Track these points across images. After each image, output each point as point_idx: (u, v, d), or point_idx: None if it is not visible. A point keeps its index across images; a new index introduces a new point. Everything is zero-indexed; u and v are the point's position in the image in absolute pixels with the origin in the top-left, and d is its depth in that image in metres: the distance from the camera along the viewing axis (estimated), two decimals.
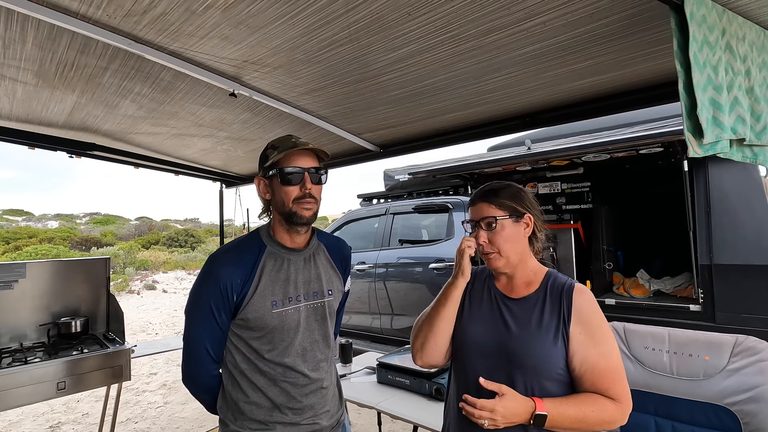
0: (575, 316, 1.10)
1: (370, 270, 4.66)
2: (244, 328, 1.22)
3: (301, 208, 1.23)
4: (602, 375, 1.07)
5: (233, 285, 1.18)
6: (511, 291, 1.21)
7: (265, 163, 1.26)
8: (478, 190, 1.23)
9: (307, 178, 1.24)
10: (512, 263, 1.18)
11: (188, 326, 1.24)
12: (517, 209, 1.17)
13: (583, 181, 2.89)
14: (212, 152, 3.49)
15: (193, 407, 4.14)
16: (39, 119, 2.65)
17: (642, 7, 1.42)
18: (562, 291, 1.14)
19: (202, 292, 1.21)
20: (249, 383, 1.22)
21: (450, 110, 2.42)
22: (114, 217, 36.12)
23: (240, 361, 1.23)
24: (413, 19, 1.54)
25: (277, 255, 1.27)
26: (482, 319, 1.20)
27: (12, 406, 2.21)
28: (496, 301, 1.20)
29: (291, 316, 1.24)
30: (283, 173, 1.22)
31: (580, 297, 1.12)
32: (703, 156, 1.21)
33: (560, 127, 3.08)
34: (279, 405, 1.22)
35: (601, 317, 1.12)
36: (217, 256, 1.24)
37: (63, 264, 2.92)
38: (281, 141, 1.28)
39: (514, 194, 1.18)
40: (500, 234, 1.16)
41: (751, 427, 1.32)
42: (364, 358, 2.87)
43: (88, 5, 1.50)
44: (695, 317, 2.32)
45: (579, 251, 2.88)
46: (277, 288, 1.23)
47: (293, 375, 1.23)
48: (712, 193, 2.33)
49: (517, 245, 1.17)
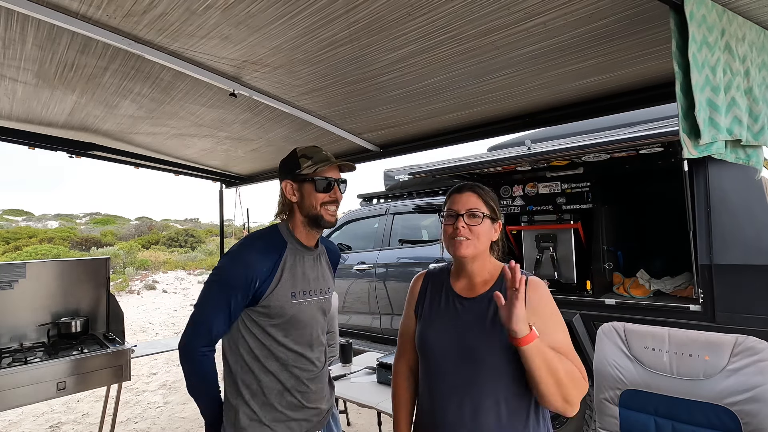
0: (528, 307, 1.09)
1: (370, 270, 4.66)
2: (263, 315, 1.30)
3: (327, 213, 1.38)
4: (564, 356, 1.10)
5: (260, 273, 1.28)
6: (467, 291, 1.23)
7: (297, 170, 1.38)
8: (466, 183, 1.28)
9: (337, 188, 1.41)
10: (478, 257, 1.21)
11: (204, 297, 1.30)
12: (496, 213, 1.24)
13: (583, 181, 2.89)
14: (212, 152, 3.50)
15: (193, 407, 4.14)
16: (39, 119, 2.65)
17: (642, 7, 1.42)
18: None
19: (229, 272, 1.28)
20: (262, 367, 1.31)
21: (450, 110, 2.42)
22: (114, 217, 36.12)
23: (254, 347, 1.31)
24: (413, 19, 1.54)
25: (297, 252, 1.39)
26: (439, 321, 1.23)
27: (12, 406, 2.22)
28: (453, 302, 1.23)
29: (305, 309, 1.36)
30: (319, 182, 1.37)
31: (535, 291, 1.14)
32: (697, 157, 1.21)
33: (560, 127, 3.08)
34: (289, 388, 1.33)
35: (552, 308, 1.15)
36: (248, 244, 1.34)
37: (63, 264, 2.92)
38: (313, 152, 1.40)
39: (494, 199, 1.26)
40: (481, 226, 1.20)
41: (751, 427, 1.32)
42: (364, 358, 2.88)
43: (88, 5, 1.50)
44: (695, 317, 2.32)
45: (579, 251, 2.88)
46: (297, 281, 1.35)
47: (303, 361, 1.36)
48: (712, 193, 2.33)
49: (487, 242, 1.22)
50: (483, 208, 1.21)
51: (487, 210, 1.22)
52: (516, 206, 3.18)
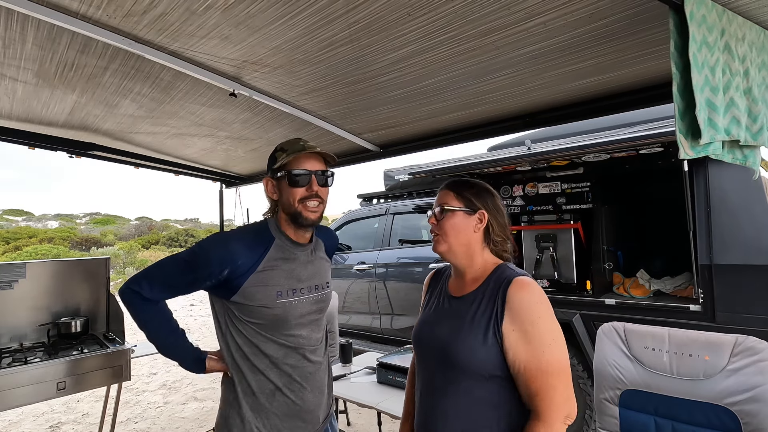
0: (508, 312, 1.03)
1: (370, 270, 4.66)
2: (246, 312, 1.25)
3: (306, 210, 1.28)
4: (532, 377, 1.00)
5: (234, 265, 1.22)
6: (458, 290, 1.19)
7: (274, 165, 1.31)
8: (450, 180, 1.26)
9: (314, 181, 1.30)
10: (455, 252, 1.17)
11: (169, 261, 1.28)
12: (473, 204, 1.17)
13: (583, 181, 2.89)
14: (212, 152, 3.49)
15: (193, 407, 4.14)
16: (39, 119, 2.65)
17: (642, 7, 1.42)
18: (500, 286, 1.08)
19: (206, 256, 1.23)
20: (251, 366, 1.26)
21: (450, 110, 2.42)
22: (114, 217, 36.13)
23: (242, 344, 1.27)
24: (413, 19, 1.54)
25: (284, 248, 1.32)
26: (429, 319, 1.22)
27: (12, 406, 2.21)
28: (443, 301, 1.22)
29: (294, 307, 1.29)
30: (291, 175, 1.28)
31: (517, 292, 1.04)
32: (694, 158, 1.21)
33: (560, 127, 3.08)
34: (281, 387, 1.27)
35: (538, 313, 1.02)
36: (235, 234, 1.29)
37: (63, 264, 2.92)
38: (290, 144, 1.33)
39: (476, 192, 1.19)
40: (448, 221, 1.17)
41: (751, 427, 1.32)
42: (364, 358, 2.88)
43: (88, 5, 1.50)
44: (695, 317, 2.32)
45: (579, 251, 2.88)
46: (282, 279, 1.28)
47: (295, 357, 1.29)
48: (712, 193, 2.33)
49: (462, 236, 1.16)
50: (453, 202, 1.17)
51: (458, 203, 1.17)
52: (516, 206, 3.18)
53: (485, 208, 1.17)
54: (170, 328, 1.34)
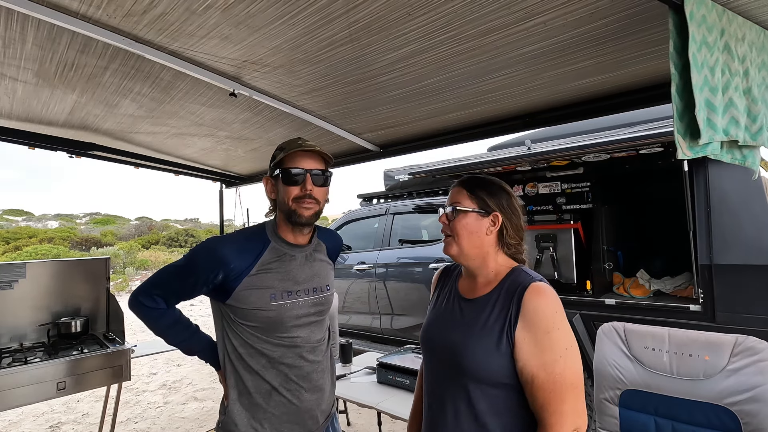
0: (522, 319, 1.00)
1: (370, 270, 4.66)
2: (241, 315, 1.25)
3: (300, 208, 1.27)
4: (540, 388, 0.97)
5: (227, 269, 1.22)
6: (470, 292, 1.15)
7: (272, 163, 1.33)
8: (464, 176, 1.21)
9: (309, 179, 1.28)
10: (467, 255, 1.13)
11: (171, 268, 1.30)
12: (487, 205, 1.12)
13: (583, 181, 2.89)
14: (212, 152, 3.49)
15: (193, 407, 4.14)
16: (39, 118, 2.65)
17: (642, 7, 1.42)
18: (515, 291, 1.04)
19: (198, 262, 1.25)
20: (246, 367, 1.26)
21: (450, 110, 2.42)
22: (114, 217, 36.13)
23: (238, 346, 1.27)
24: (413, 19, 1.54)
25: (280, 250, 1.31)
26: (439, 319, 1.18)
27: (12, 406, 2.21)
28: (455, 302, 1.17)
29: (290, 309, 1.28)
30: (286, 173, 1.28)
31: (533, 299, 1.01)
32: (692, 158, 1.21)
33: (560, 127, 3.08)
34: (276, 387, 1.26)
35: (552, 321, 1.00)
36: (229, 238, 1.29)
37: (63, 264, 2.92)
38: (288, 143, 1.33)
39: (491, 192, 1.13)
40: (460, 221, 1.12)
41: (751, 427, 1.32)
42: (364, 358, 2.88)
43: (88, 5, 1.50)
44: (695, 317, 2.32)
45: (579, 251, 2.88)
46: (277, 282, 1.27)
47: (291, 357, 1.28)
48: (712, 193, 2.33)
49: (475, 239, 1.11)
50: (466, 202, 1.12)
51: (471, 203, 1.11)
52: None
53: (500, 209, 1.12)
54: (185, 330, 1.37)
